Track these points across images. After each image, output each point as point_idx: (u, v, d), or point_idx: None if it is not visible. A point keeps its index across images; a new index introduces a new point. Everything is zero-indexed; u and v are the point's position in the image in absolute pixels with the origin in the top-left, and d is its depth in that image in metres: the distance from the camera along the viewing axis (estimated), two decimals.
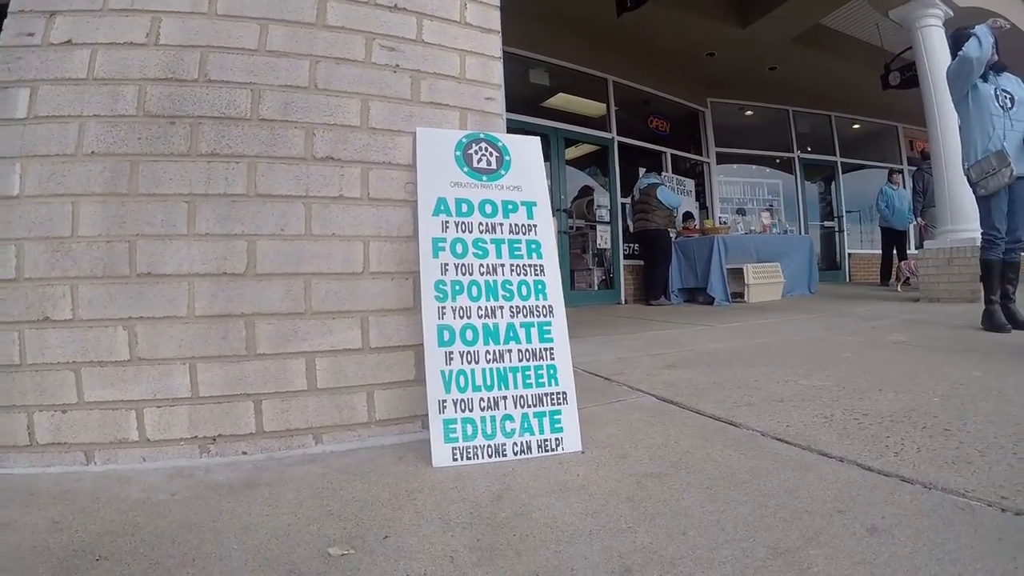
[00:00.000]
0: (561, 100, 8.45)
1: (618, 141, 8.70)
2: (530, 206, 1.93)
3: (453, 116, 2.01)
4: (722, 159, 10.47)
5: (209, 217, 1.79)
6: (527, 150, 2.00)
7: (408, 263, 1.89)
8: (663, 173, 8.90)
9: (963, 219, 5.78)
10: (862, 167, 12.22)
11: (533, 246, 1.90)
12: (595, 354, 2.83)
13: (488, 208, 1.90)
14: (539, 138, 2.07)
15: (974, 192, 3.55)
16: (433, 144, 1.92)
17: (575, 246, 8.18)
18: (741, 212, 10.08)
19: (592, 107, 8.80)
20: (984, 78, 3.55)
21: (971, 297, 5.25)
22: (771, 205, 10.54)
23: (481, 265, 1.84)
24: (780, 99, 10.98)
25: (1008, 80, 3.69)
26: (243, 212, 1.80)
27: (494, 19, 2.16)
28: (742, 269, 6.87)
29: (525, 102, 7.66)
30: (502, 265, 1.86)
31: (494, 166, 1.95)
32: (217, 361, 1.77)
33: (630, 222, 8.13)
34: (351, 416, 1.85)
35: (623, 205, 8.53)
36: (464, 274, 1.82)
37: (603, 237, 8.23)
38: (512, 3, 2.21)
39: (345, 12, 1.98)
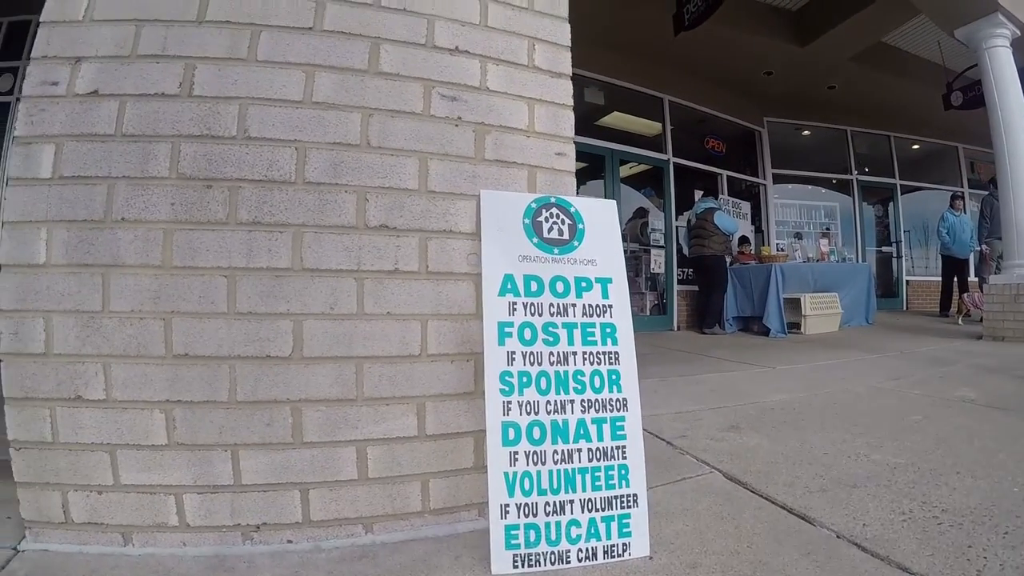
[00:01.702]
0: (616, 119, 7.44)
1: (674, 162, 7.64)
2: (605, 283, 1.54)
3: (520, 176, 1.60)
4: (779, 180, 9.18)
5: (251, 294, 1.46)
6: (602, 216, 1.60)
7: (470, 343, 1.54)
8: (719, 196, 7.74)
9: None
10: (921, 189, 10.53)
11: (608, 330, 1.51)
12: (652, 404, 2.37)
13: (560, 286, 1.52)
14: (614, 202, 1.67)
15: None
16: (499, 210, 1.54)
17: (628, 268, 7.25)
18: (798, 236, 8.60)
19: (647, 126, 7.74)
20: None
21: None
22: (828, 229, 9.28)
23: (551, 353, 1.48)
24: (838, 119, 9.64)
25: None
26: (288, 289, 1.46)
27: (564, 62, 1.73)
28: (799, 299, 6.00)
29: (580, 122, 6.64)
30: (574, 353, 1.49)
31: (566, 236, 1.57)
32: (261, 449, 1.46)
33: (684, 246, 7.13)
34: (404, 505, 1.54)
35: (678, 228, 7.48)
36: (533, 364, 1.47)
37: (657, 261, 7.21)
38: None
39: (401, 57, 1.58)
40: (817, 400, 2.41)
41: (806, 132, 9.93)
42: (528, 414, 1.40)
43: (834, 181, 10.04)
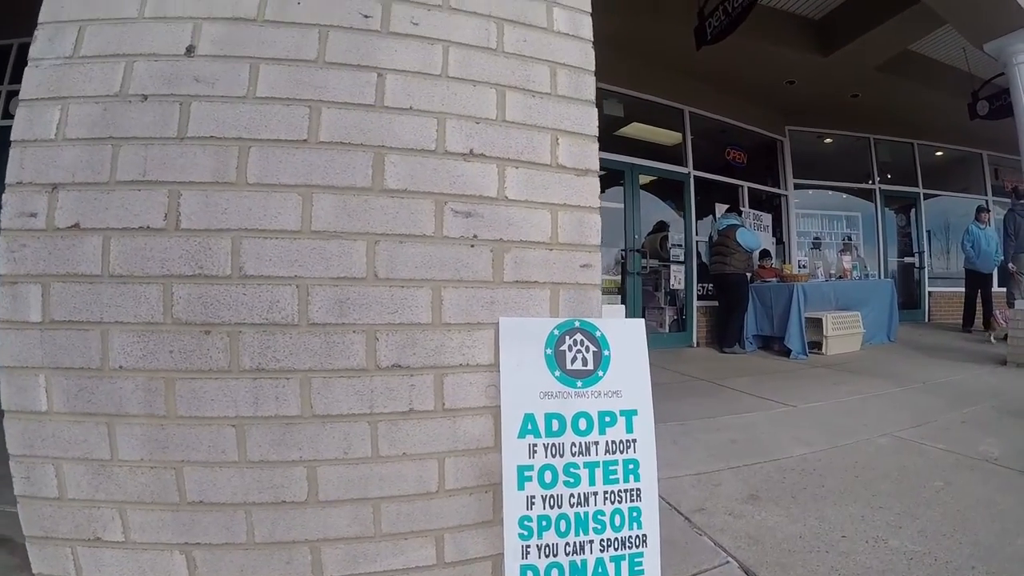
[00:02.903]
0: (636, 130, 6.76)
1: (694, 175, 6.94)
2: (630, 416, 1.31)
3: (542, 296, 1.34)
4: (800, 191, 8.35)
5: (261, 443, 1.30)
6: (630, 338, 1.37)
7: (488, 475, 1.38)
8: (741, 208, 7.03)
9: None
10: (945, 197, 9.57)
11: (631, 466, 1.29)
12: (673, 460, 2.18)
13: (582, 423, 1.32)
14: (643, 322, 1.45)
15: None
16: (519, 340, 1.32)
17: (647, 283, 6.52)
18: (817, 245, 8.16)
19: (667, 136, 7.03)
20: None
21: None
22: (849, 239, 8.42)
23: (572, 495, 1.30)
24: (861, 127, 8.73)
25: None
26: (299, 436, 1.30)
27: (591, 155, 1.44)
28: (821, 319, 5.53)
29: (599, 136, 6.01)
30: (595, 493, 1.31)
31: (591, 366, 1.35)
32: None
33: (706, 261, 6.58)
34: None
35: (698, 243, 6.90)
36: (552, 507, 1.30)
37: (676, 277, 6.64)
38: None
39: (408, 169, 1.29)
40: (838, 457, 2.18)
41: (828, 140, 8.97)
42: (547, 556, 1.25)
43: (857, 190, 9.13)
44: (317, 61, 1.29)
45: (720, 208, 6.80)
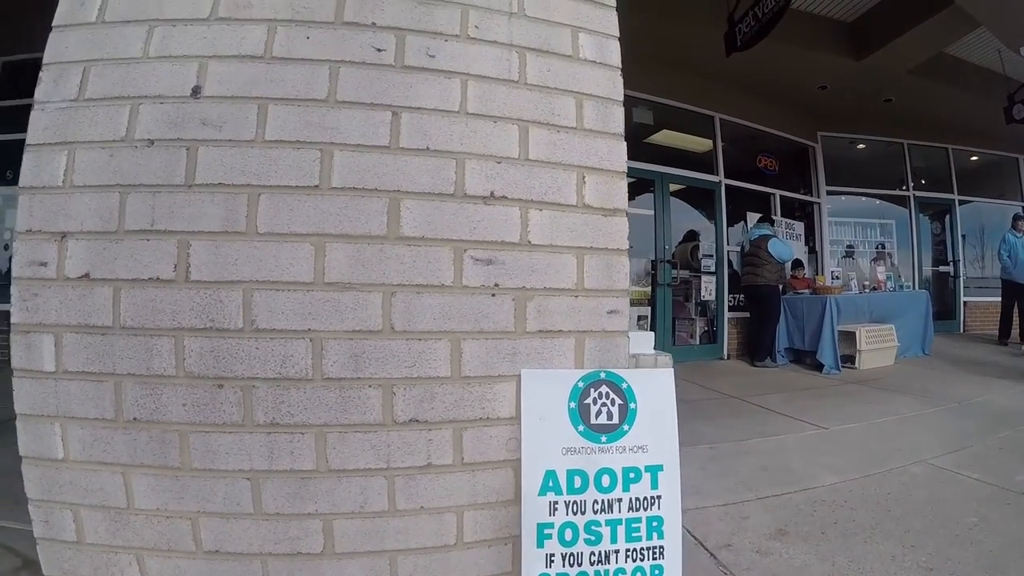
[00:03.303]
0: (665, 137, 6.38)
1: (725, 184, 6.56)
2: (655, 472, 1.22)
3: (567, 345, 1.26)
4: (834, 199, 7.87)
5: (276, 495, 1.25)
6: (657, 390, 1.28)
7: (508, 527, 1.32)
8: (773, 217, 6.61)
9: None
10: (980, 203, 8.99)
11: (654, 523, 1.20)
12: (699, 487, 2.08)
13: (605, 480, 1.24)
14: (672, 371, 1.36)
15: None
16: (542, 394, 1.24)
17: (677, 293, 6.21)
18: (849, 254, 7.70)
19: (697, 143, 6.67)
20: None
21: None
22: (883, 247, 7.96)
23: (592, 553, 1.23)
24: (894, 131, 8.19)
25: None
26: (315, 490, 1.25)
27: (620, 192, 1.33)
28: (854, 333, 5.25)
29: (629, 144, 5.64)
30: (616, 552, 1.23)
31: (616, 420, 1.26)
32: None
33: (738, 271, 6.29)
34: None
35: (729, 253, 6.53)
36: (572, 565, 1.23)
37: (707, 288, 6.30)
38: None
39: (426, 215, 1.20)
40: (870, 487, 2.04)
41: (861, 146, 8.37)
42: None
43: (890, 196, 8.59)
44: (328, 100, 1.20)
45: (752, 217, 6.49)
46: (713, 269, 6.37)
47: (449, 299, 1.16)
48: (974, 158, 9.14)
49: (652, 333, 1.63)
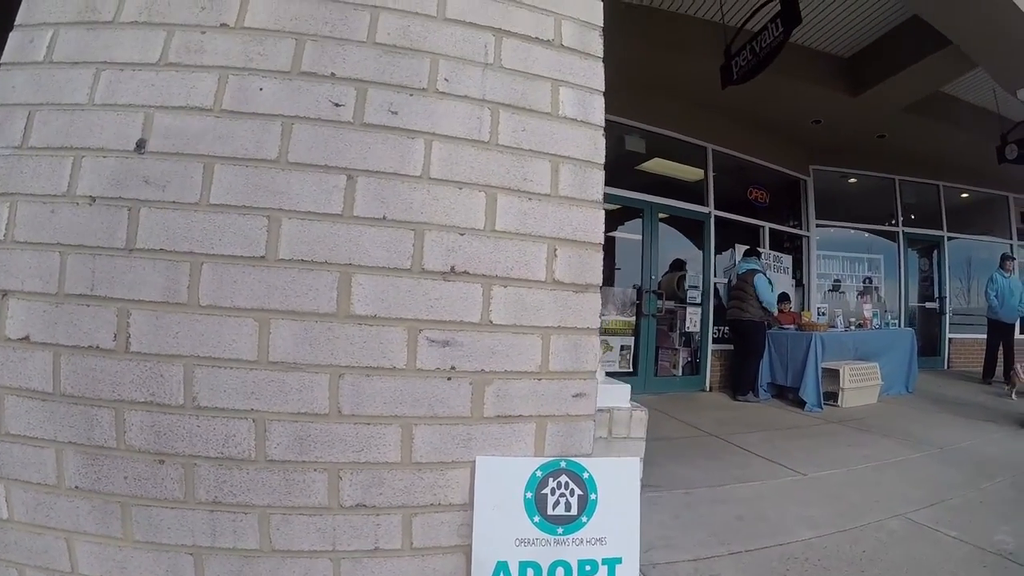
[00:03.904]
0: (656, 165, 6.19)
1: (715, 216, 6.37)
2: (613, 564, 1.13)
3: (527, 431, 1.16)
4: (823, 232, 7.68)
5: (219, 572, 1.20)
6: (620, 480, 1.19)
7: None
8: (760, 250, 6.42)
9: None
10: (968, 240, 8.78)
11: None
12: (671, 539, 1.97)
13: (560, 573, 1.13)
14: (638, 459, 1.26)
15: None
16: (497, 482, 1.16)
17: (662, 323, 6.06)
18: (836, 288, 7.62)
19: (688, 172, 6.46)
20: None
21: None
22: (869, 280, 7.85)
23: None
24: (886, 167, 8.02)
25: None
26: (259, 569, 1.18)
27: (594, 268, 1.21)
28: (838, 371, 5.10)
29: (618, 171, 5.47)
30: None
31: (574, 512, 1.18)
32: None
33: (724, 302, 6.10)
34: None
35: (716, 285, 6.34)
36: None
37: (692, 320, 6.11)
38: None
39: (379, 292, 1.09)
40: (846, 543, 1.94)
41: (852, 180, 8.16)
42: None
43: (879, 231, 8.42)
44: (279, 161, 1.10)
45: (739, 250, 6.30)
46: (699, 300, 6.22)
47: (401, 383, 1.08)
48: (964, 195, 8.92)
49: (628, 386, 1.53)
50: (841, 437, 3.91)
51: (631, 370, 5.53)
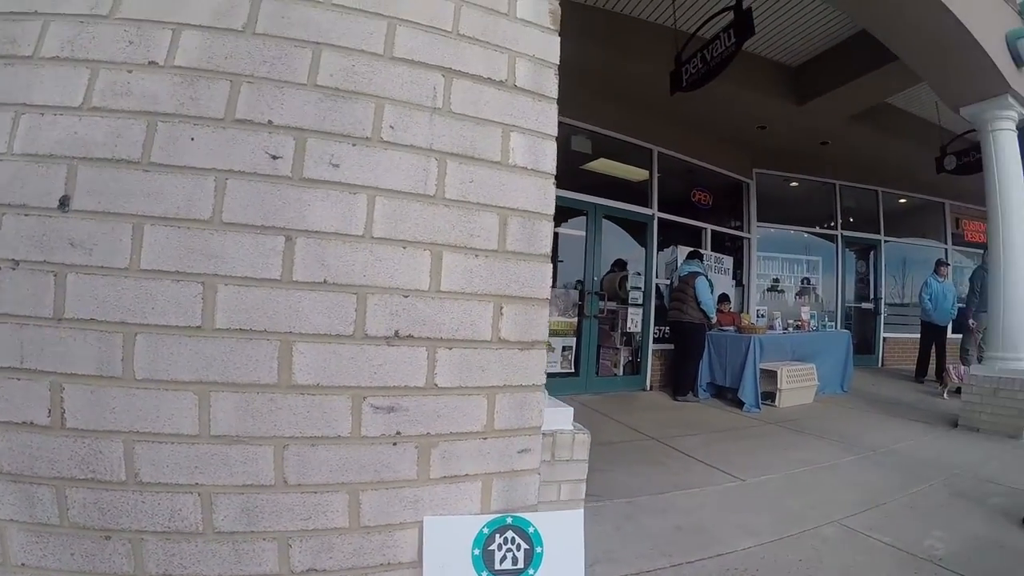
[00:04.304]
0: (601, 165, 6.17)
1: (658, 217, 6.42)
2: None
3: (473, 489, 1.14)
4: (763, 234, 7.87)
5: None
6: (566, 533, 1.18)
7: None
8: (702, 252, 6.47)
9: (1014, 348, 4.24)
10: (904, 243, 9.15)
11: None
12: (612, 552, 1.98)
13: None
14: (581, 512, 1.26)
15: None
16: (444, 540, 1.15)
17: (604, 322, 6.07)
18: (775, 288, 7.83)
19: (633, 172, 6.45)
20: None
21: (1012, 432, 4.00)
22: (808, 281, 8.29)
23: None
24: (828, 172, 8.25)
25: None
26: None
27: (540, 324, 1.18)
28: (776, 372, 5.18)
29: (563, 172, 5.30)
30: None
31: (521, 564, 1.17)
32: None
33: (665, 303, 6.10)
34: None
35: (657, 286, 6.37)
36: None
37: (634, 320, 6.09)
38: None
39: (321, 361, 1.04)
40: (783, 552, 2.02)
41: (794, 184, 8.34)
42: None
43: (819, 233, 8.72)
44: (212, 221, 1.05)
45: (682, 252, 6.30)
46: (641, 301, 6.22)
47: (346, 451, 1.06)
48: (902, 200, 9.20)
49: (571, 409, 1.53)
50: (778, 439, 3.96)
51: (573, 371, 5.56)
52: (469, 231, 1.13)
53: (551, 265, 1.18)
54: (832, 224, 8.62)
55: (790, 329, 6.26)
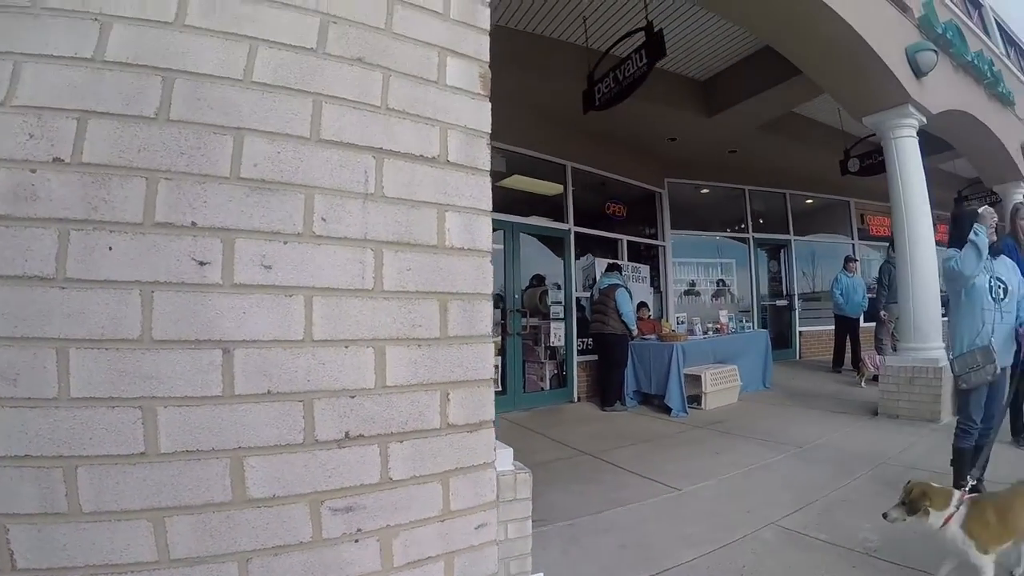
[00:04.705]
0: (516, 182, 6.33)
1: (575, 232, 6.65)
2: None
3: (436, 569, 1.13)
4: (677, 240, 8.40)
5: None
6: None
7: None
8: (620, 263, 6.75)
9: (924, 338, 4.69)
10: (814, 242, 10.06)
11: None
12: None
13: None
14: None
15: (955, 383, 2.71)
16: None
17: (527, 337, 6.22)
18: (692, 292, 8.50)
19: (548, 187, 6.65)
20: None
21: (930, 416, 4.38)
22: (723, 283, 8.88)
23: None
24: (737, 178, 8.85)
25: (1003, 265, 2.71)
26: None
27: (487, 405, 1.21)
28: (700, 376, 5.47)
29: None
30: None
31: None
32: None
33: (587, 316, 6.23)
34: None
35: (578, 299, 6.56)
36: None
37: (556, 334, 6.26)
38: None
39: (274, 472, 1.03)
40: (726, 560, 2.16)
41: (705, 191, 8.95)
42: None
43: (732, 238, 9.20)
44: (143, 340, 1.03)
45: (600, 263, 6.60)
46: (562, 315, 6.41)
47: (310, 555, 1.10)
48: (809, 201, 10.04)
49: (511, 449, 1.62)
50: (708, 444, 4.12)
51: (500, 389, 5.66)
52: (411, 322, 1.16)
53: (492, 344, 1.23)
54: (743, 227, 9.33)
55: (710, 333, 6.64)
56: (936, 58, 4.96)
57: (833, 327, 7.68)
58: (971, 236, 2.57)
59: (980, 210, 2.67)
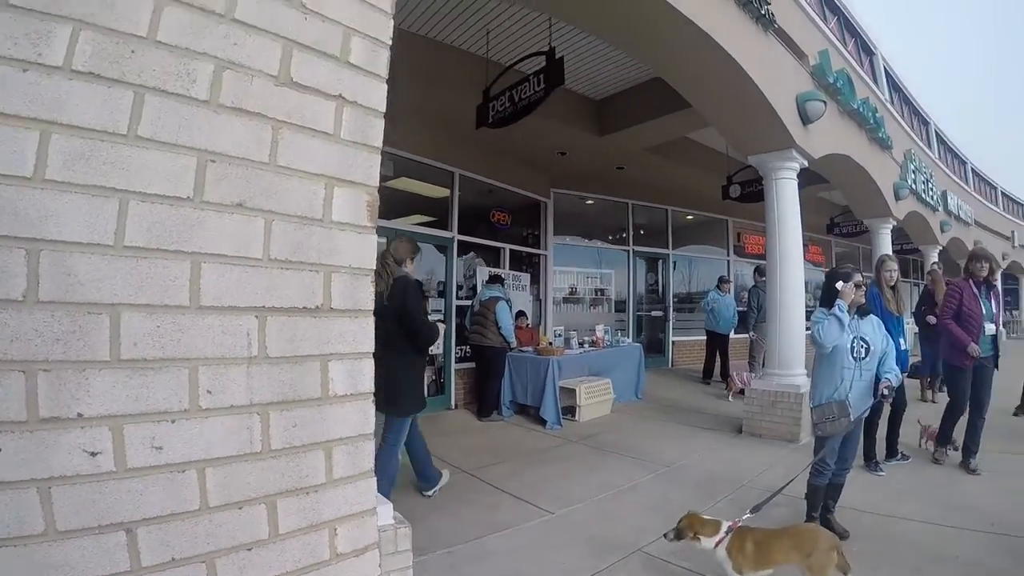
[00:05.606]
0: (403, 183, 6.56)
1: (458, 240, 6.93)
2: None
3: None
4: (560, 250, 8.98)
5: None
6: None
7: None
8: (502, 274, 7.07)
9: (788, 366, 5.19)
10: (692, 256, 11.24)
11: None
12: None
13: None
14: None
15: (812, 429, 3.08)
16: None
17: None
18: (571, 299, 9.17)
19: (434, 190, 6.92)
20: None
21: (789, 437, 4.92)
22: (602, 292, 9.67)
23: None
24: (622, 192, 9.58)
25: (869, 325, 2.96)
26: None
27: (370, 532, 1.40)
28: (575, 389, 5.87)
29: None
30: None
31: None
32: None
33: (467, 325, 6.44)
34: None
35: (458, 308, 6.82)
36: None
37: (436, 343, 6.46)
38: None
39: None
40: None
41: (590, 202, 9.55)
42: None
43: (612, 248, 9.95)
44: (47, 534, 1.17)
45: (481, 269, 7.01)
46: (442, 320, 6.55)
47: None
48: (689, 217, 10.91)
49: (391, 503, 1.76)
50: (581, 462, 4.41)
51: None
52: (299, 474, 1.36)
53: (375, 479, 1.47)
54: (625, 238, 10.22)
55: (586, 346, 6.96)
56: (824, 108, 5.41)
57: (705, 339, 8.51)
58: (834, 310, 2.80)
59: (840, 287, 2.85)
